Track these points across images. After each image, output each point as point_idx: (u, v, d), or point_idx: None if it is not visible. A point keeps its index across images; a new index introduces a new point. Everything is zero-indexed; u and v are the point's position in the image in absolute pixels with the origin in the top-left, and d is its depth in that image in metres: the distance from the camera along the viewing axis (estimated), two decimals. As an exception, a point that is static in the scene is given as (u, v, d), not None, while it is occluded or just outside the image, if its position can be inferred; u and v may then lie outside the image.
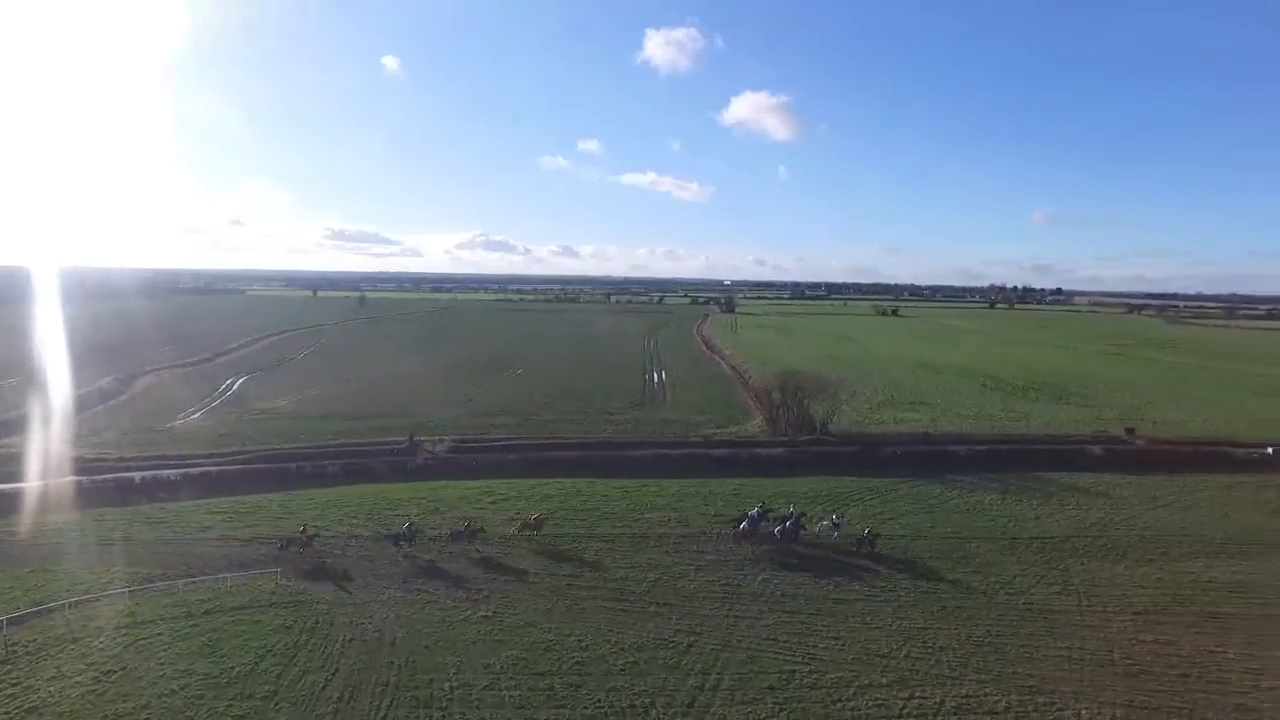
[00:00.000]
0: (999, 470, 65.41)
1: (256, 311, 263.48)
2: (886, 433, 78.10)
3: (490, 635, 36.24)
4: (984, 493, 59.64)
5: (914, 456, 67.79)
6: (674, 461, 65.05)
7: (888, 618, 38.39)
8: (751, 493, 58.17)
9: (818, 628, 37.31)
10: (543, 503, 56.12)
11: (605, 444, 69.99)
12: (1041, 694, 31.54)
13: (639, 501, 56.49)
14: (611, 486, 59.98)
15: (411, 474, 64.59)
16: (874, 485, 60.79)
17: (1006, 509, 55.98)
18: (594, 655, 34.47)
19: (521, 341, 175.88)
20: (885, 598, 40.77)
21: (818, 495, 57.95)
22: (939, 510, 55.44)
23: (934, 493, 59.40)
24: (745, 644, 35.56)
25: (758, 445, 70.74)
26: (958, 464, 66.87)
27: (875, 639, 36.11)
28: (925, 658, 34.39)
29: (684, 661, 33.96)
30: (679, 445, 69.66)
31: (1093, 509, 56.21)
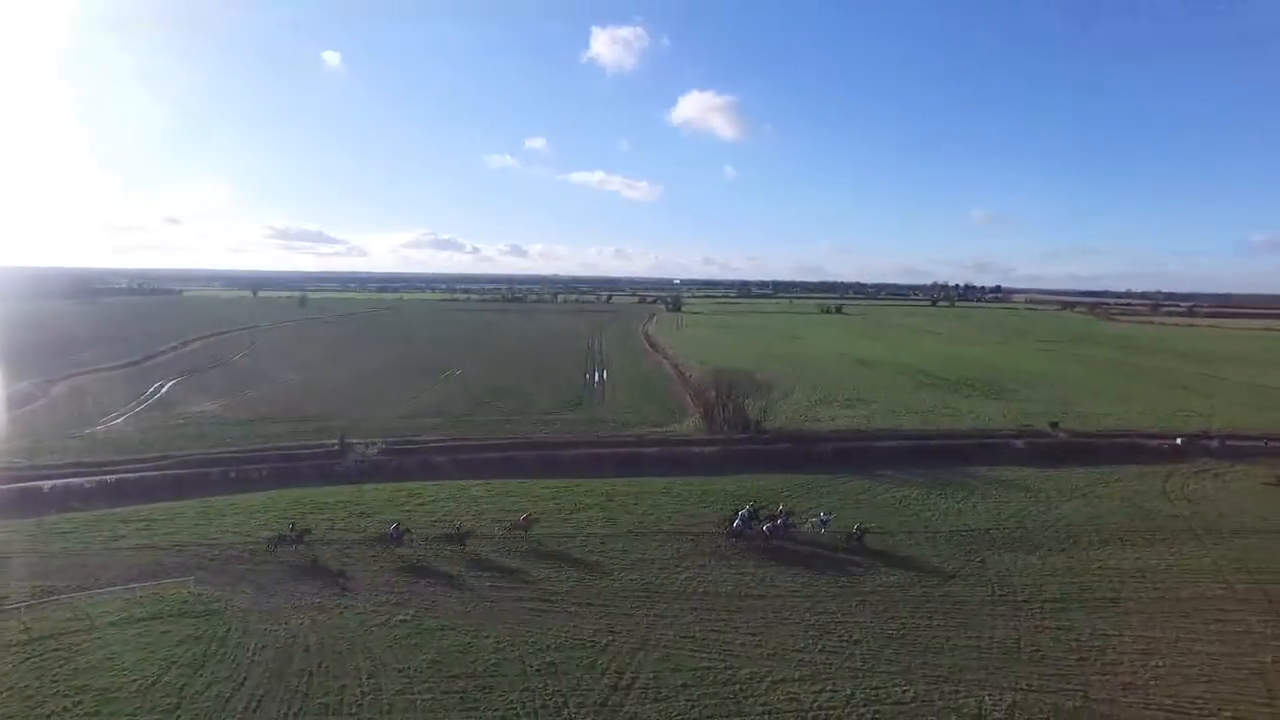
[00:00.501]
0: (927, 465, 66.99)
1: (192, 313, 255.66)
2: (821, 430, 79.40)
3: (407, 639, 35.78)
4: (910, 487, 60.96)
5: (845, 453, 68.92)
6: (606, 461, 65.07)
7: (805, 612, 39.00)
8: (681, 491, 58.66)
9: (736, 624, 37.70)
10: (471, 504, 55.73)
11: (537, 444, 69.69)
12: (948, 683, 32.40)
13: (568, 502, 56.33)
14: (541, 487, 59.74)
15: (340, 477, 63.35)
16: (803, 482, 61.71)
17: (930, 503, 57.32)
18: (510, 656, 34.30)
19: (463, 342, 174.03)
20: (806, 593, 41.41)
21: (748, 493, 58.40)
22: (865, 505, 56.48)
23: (861, 488, 60.54)
24: (663, 642, 35.74)
25: (690, 444, 71.19)
26: (887, 459, 68.23)
27: (793, 633, 36.66)
28: (840, 651, 35.03)
29: (600, 661, 34.01)
30: (611, 444, 69.72)
31: (1012, 501, 57.91)
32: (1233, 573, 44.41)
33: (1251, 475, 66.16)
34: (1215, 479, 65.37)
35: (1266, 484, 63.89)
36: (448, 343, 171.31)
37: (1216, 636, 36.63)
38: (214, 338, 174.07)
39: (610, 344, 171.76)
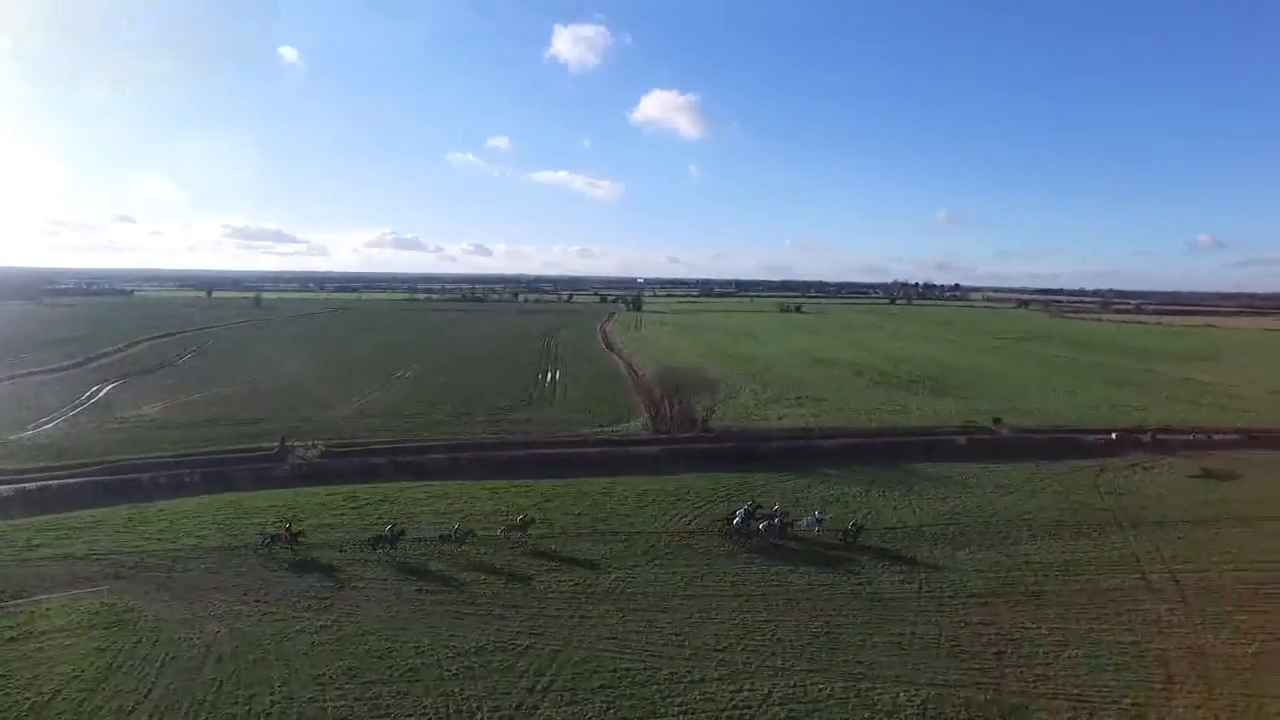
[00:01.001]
0: (870, 463, 67.60)
1: (142, 313, 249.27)
2: (768, 428, 79.86)
3: (326, 645, 35.09)
4: (850, 485, 61.50)
5: (790, 451, 69.35)
6: (549, 461, 64.73)
7: (732, 612, 39.01)
8: (621, 492, 58.51)
9: (661, 625, 37.61)
10: (408, 506, 55.02)
11: (480, 445, 69.10)
12: (866, 680, 32.63)
13: (506, 503, 55.89)
14: (481, 488, 59.25)
15: (277, 481, 62.15)
16: (744, 481, 61.86)
17: (868, 500, 57.85)
18: (429, 661, 33.82)
19: (418, 342, 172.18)
20: (734, 592, 41.46)
21: (688, 492, 58.57)
22: (804, 504, 56.64)
23: (802, 487, 60.92)
24: (585, 643, 35.53)
25: (634, 443, 71.10)
26: (831, 458, 68.81)
27: (717, 633, 36.62)
28: (762, 650, 35.09)
29: (519, 664, 33.68)
30: (555, 445, 69.38)
31: (949, 498, 58.65)
32: (1149, 563, 45.48)
33: (1178, 468, 67.97)
34: (1145, 472, 67.00)
35: (1191, 476, 65.72)
36: (402, 343, 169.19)
37: (1128, 626, 37.40)
38: (163, 339, 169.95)
39: (567, 344, 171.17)
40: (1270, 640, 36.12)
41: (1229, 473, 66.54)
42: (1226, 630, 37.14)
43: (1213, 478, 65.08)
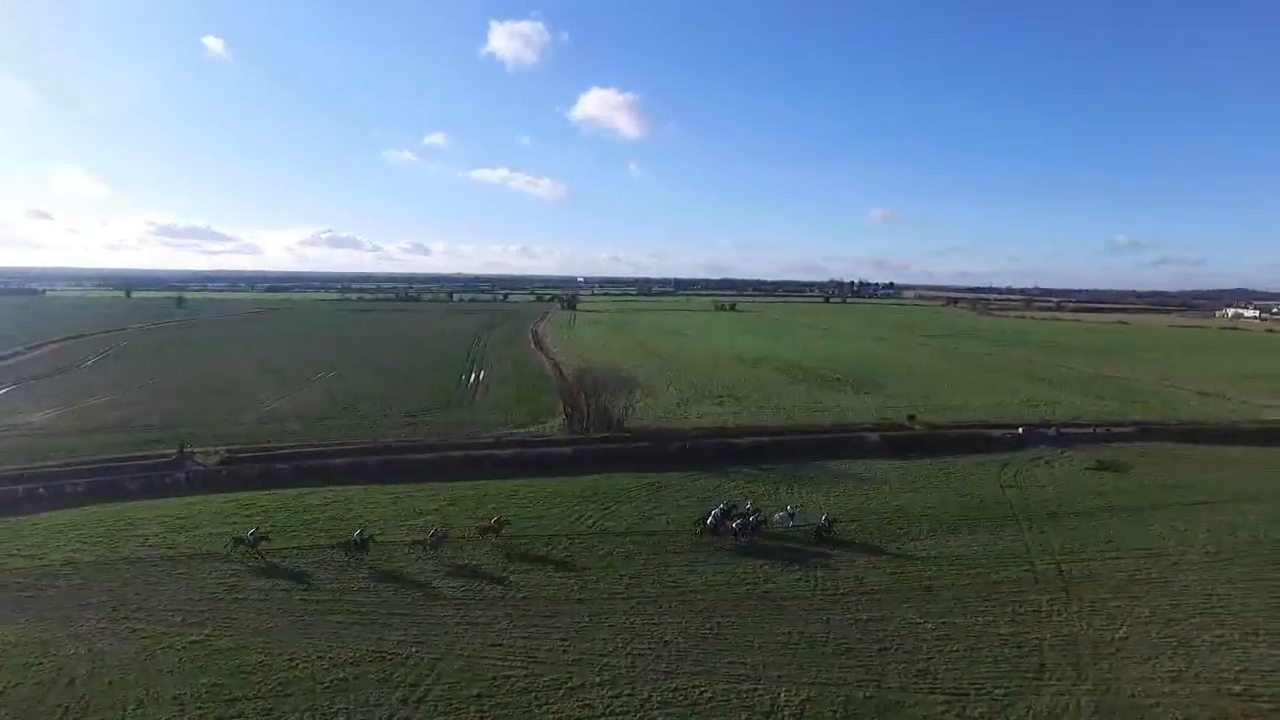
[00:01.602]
0: (782, 461, 68.04)
1: (52, 315, 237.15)
2: (686, 428, 79.79)
3: (192, 662, 33.36)
4: (760, 484, 61.74)
5: (703, 450, 69.32)
6: (457, 464, 63.37)
7: (624, 615, 38.48)
8: (527, 493, 57.66)
9: (549, 629, 36.88)
10: (304, 514, 53.14)
11: (388, 449, 67.19)
12: (748, 681, 32.45)
13: (407, 507, 54.48)
14: (383, 493, 57.62)
15: (169, 490, 59.46)
16: (655, 481, 61.52)
17: (776, 499, 57.76)
18: (302, 674, 32.42)
19: (342, 343, 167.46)
20: (626, 594, 40.99)
21: (595, 493, 57.96)
22: (711, 503, 56.43)
23: (711, 486, 60.82)
24: (467, 651, 34.57)
25: (547, 444, 70.15)
26: (745, 456, 69.03)
27: (604, 637, 36.06)
28: (647, 654, 34.62)
29: (396, 674, 32.53)
30: (465, 447, 67.97)
31: (855, 495, 59.30)
32: (1039, 555, 46.61)
33: (1077, 461, 70.17)
34: (1046, 465, 68.98)
35: (1087, 469, 67.92)
36: (326, 344, 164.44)
37: (1010, 618, 38.11)
38: (71, 341, 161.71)
39: (496, 343, 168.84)
40: (1137, 624, 37.28)
41: (1121, 464, 69.01)
42: (1100, 617, 38.21)
43: (1106, 470, 67.37)
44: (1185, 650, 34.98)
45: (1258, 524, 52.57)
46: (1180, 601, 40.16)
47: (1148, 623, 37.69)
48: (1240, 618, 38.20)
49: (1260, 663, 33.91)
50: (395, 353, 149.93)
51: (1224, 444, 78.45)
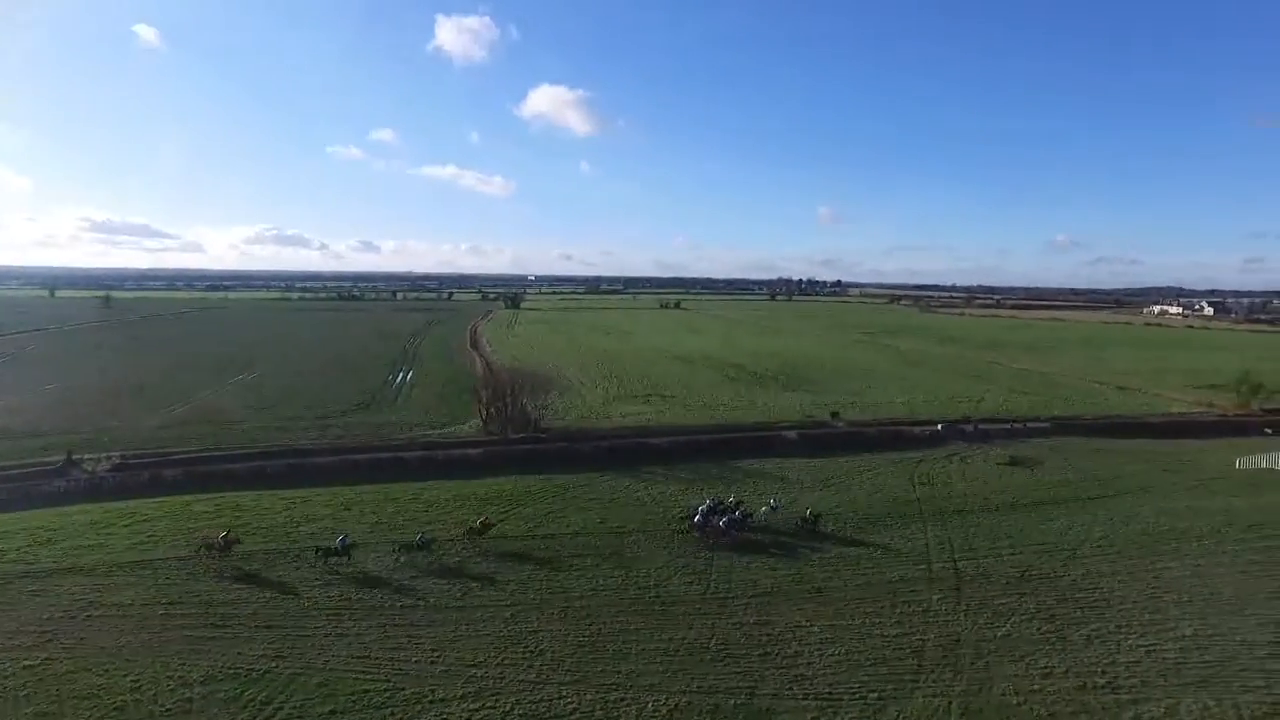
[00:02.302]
0: (699, 460, 67.47)
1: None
2: (605, 428, 78.63)
3: (21, 689, 30.96)
4: (670, 484, 60.88)
5: (619, 451, 68.27)
6: (362, 467, 61.33)
7: (502, 623, 37.13)
8: (430, 497, 56.01)
9: (423, 639, 35.35)
10: (191, 521, 50.54)
11: (289, 452, 64.72)
12: (619, 689, 31.36)
13: (303, 513, 52.31)
14: (279, 498, 55.35)
15: (50, 499, 56.30)
16: (563, 482, 60.26)
17: (683, 499, 56.88)
18: (143, 697, 30.31)
19: (273, 342, 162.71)
20: (509, 602, 39.60)
21: (499, 496, 56.55)
22: (616, 504, 55.61)
23: (620, 487, 59.79)
24: (330, 665, 32.84)
25: (457, 446, 68.27)
26: (661, 456, 68.17)
27: (479, 647, 34.66)
28: (520, 664, 33.32)
29: (248, 693, 30.66)
30: (371, 450, 65.84)
31: (765, 494, 58.41)
32: (937, 553, 46.52)
33: (991, 457, 70.91)
34: (961, 462, 69.50)
35: (1000, 464, 68.64)
36: (255, 344, 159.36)
37: (898, 619, 37.74)
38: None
39: (432, 343, 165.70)
40: (1021, 621, 37.22)
41: (1032, 460, 69.94)
42: (986, 614, 38.07)
43: (1017, 465, 68.13)
44: (1062, 645, 35.01)
45: (1149, 515, 53.64)
46: (1067, 596, 40.35)
47: (1032, 618, 37.68)
48: (1118, 610, 38.51)
49: (1128, 654, 34.12)
50: (326, 353, 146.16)
51: (1132, 437, 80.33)
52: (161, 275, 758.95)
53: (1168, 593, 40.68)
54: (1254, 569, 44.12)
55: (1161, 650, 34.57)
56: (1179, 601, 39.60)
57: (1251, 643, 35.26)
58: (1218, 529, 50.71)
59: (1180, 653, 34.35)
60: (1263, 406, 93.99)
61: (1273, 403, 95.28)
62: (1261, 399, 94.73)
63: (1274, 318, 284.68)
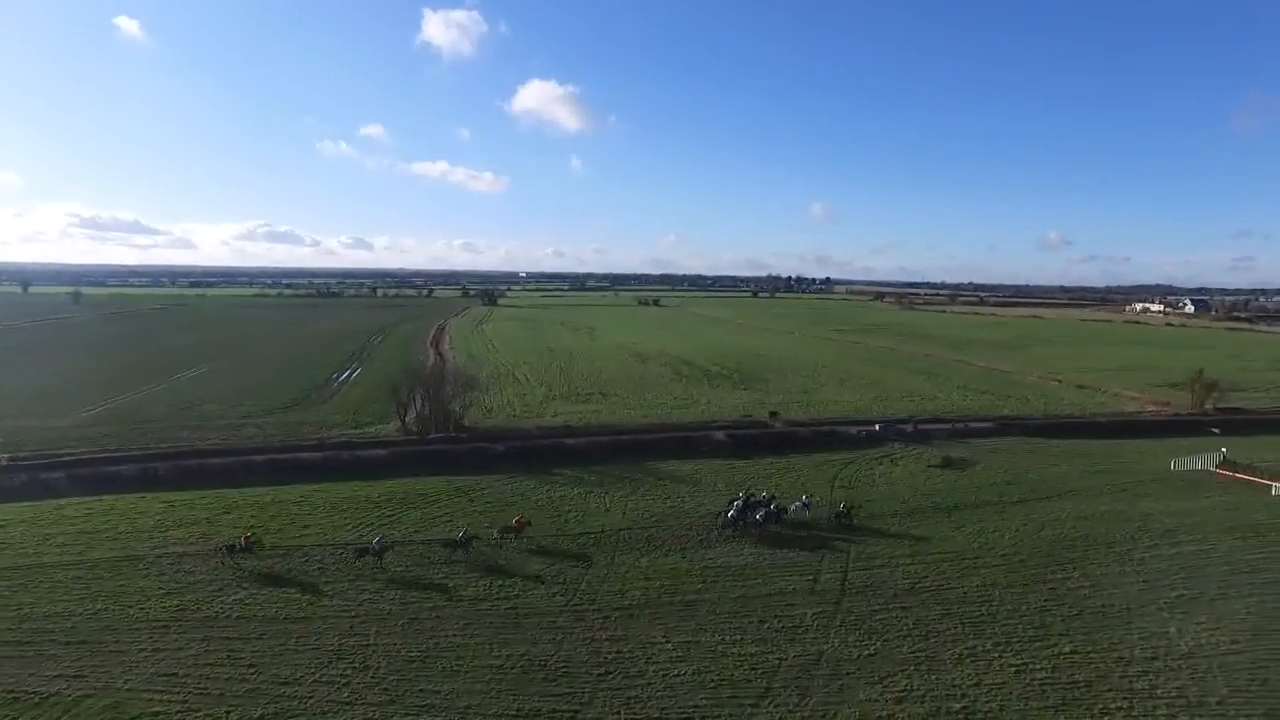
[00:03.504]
0: (616, 461, 64.98)
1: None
2: (530, 427, 76.19)
3: None
4: (576, 486, 58.46)
5: (534, 451, 65.97)
6: (258, 469, 58.76)
7: (338, 636, 34.69)
8: (317, 500, 53.54)
9: (244, 654, 32.91)
10: (52, 526, 47.97)
11: (186, 453, 62.02)
12: (431, 711, 29.01)
13: (177, 517, 49.87)
14: (160, 501, 52.86)
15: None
16: (465, 484, 57.84)
17: (581, 502, 54.76)
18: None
19: (228, 340, 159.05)
20: (354, 612, 37.20)
21: (391, 498, 54.16)
22: (516, 507, 53.04)
23: (522, 489, 57.41)
24: (130, 684, 30.38)
25: (363, 446, 65.68)
26: (578, 457, 65.79)
27: (300, 663, 32.21)
28: (336, 681, 30.88)
29: (22, 718, 28.25)
30: (270, 451, 63.18)
31: (671, 497, 56.32)
32: (830, 563, 44.16)
33: (924, 458, 68.61)
34: (890, 464, 67.18)
35: (931, 466, 66.34)
36: (211, 341, 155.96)
37: (761, 635, 35.35)
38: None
39: (393, 341, 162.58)
40: (891, 639, 34.85)
41: (965, 461, 67.67)
42: (859, 631, 35.71)
43: (949, 467, 65.81)
44: (929, 665, 32.68)
45: (1066, 520, 51.45)
46: (952, 610, 38.02)
47: (907, 635, 35.33)
48: (1002, 625, 36.21)
49: (996, 674, 31.85)
50: (281, 350, 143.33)
51: (1077, 437, 78.27)
52: (148, 272, 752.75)
53: (1060, 606, 38.44)
54: (1156, 578, 41.88)
55: (1032, 669, 32.30)
56: (1067, 616, 37.34)
57: (1128, 659, 33.06)
58: (1131, 535, 48.48)
59: (1051, 672, 32.10)
60: (1216, 405, 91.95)
61: (1227, 401, 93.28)
62: (1215, 398, 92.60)
63: (1253, 316, 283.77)
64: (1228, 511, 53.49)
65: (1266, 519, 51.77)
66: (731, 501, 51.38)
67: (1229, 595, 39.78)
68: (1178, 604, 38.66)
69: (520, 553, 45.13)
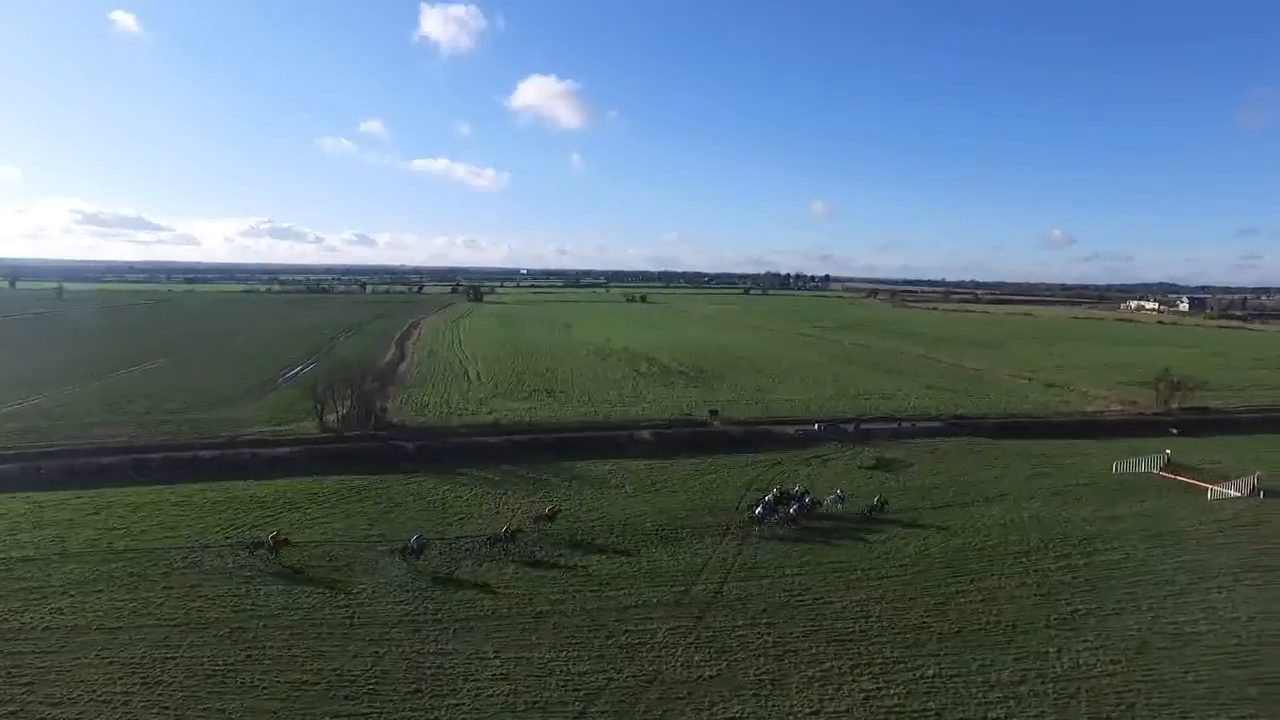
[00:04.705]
0: (530, 461, 62.58)
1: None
2: (457, 425, 73.65)
3: None
4: (477, 486, 56.08)
5: (448, 450, 63.51)
6: (151, 467, 56.49)
7: (144, 647, 32.13)
8: (204, 500, 51.68)
9: (52, 667, 30.50)
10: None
11: (82, 451, 59.21)
12: (205, 737, 26.45)
13: (44, 517, 47.54)
14: (31, 502, 50.53)
15: None
16: (364, 484, 55.37)
17: (473, 504, 52.31)
18: None
19: (191, 336, 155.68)
20: (184, 620, 34.72)
21: (281, 498, 52.05)
22: (399, 509, 50.69)
23: (423, 490, 54.93)
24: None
25: (264, 445, 63.00)
26: (490, 455, 63.29)
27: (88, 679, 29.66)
28: (116, 699, 28.40)
29: None
30: (166, 449, 60.67)
31: (582, 500, 53.70)
32: (712, 572, 41.41)
33: (858, 459, 66.03)
34: (821, 465, 64.45)
35: (861, 467, 63.70)
36: (171, 338, 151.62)
37: (601, 653, 32.64)
38: None
39: (362, 337, 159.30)
40: (741, 659, 32.10)
41: (901, 463, 64.93)
42: (710, 649, 32.96)
43: (880, 469, 63.13)
44: (772, 689, 29.97)
45: (983, 527, 48.98)
46: (822, 626, 35.26)
47: (761, 655, 32.58)
48: (868, 645, 33.45)
49: (841, 700, 29.19)
50: (241, 346, 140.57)
51: (1028, 438, 75.22)
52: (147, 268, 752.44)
53: (941, 622, 35.67)
54: (1056, 591, 39.12)
55: (883, 695, 29.57)
56: (945, 634, 34.55)
57: (994, 683, 30.29)
58: (1045, 544, 45.65)
59: (903, 698, 29.36)
60: (1182, 405, 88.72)
61: (1195, 400, 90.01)
62: (1181, 397, 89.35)
63: (1249, 314, 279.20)
64: (1154, 517, 50.60)
65: (1191, 525, 48.90)
66: (763, 498, 51.14)
67: (1126, 609, 37.03)
68: (1070, 620, 35.90)
69: (385, 556, 42.51)
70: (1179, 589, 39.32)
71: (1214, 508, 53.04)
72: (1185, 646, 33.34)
